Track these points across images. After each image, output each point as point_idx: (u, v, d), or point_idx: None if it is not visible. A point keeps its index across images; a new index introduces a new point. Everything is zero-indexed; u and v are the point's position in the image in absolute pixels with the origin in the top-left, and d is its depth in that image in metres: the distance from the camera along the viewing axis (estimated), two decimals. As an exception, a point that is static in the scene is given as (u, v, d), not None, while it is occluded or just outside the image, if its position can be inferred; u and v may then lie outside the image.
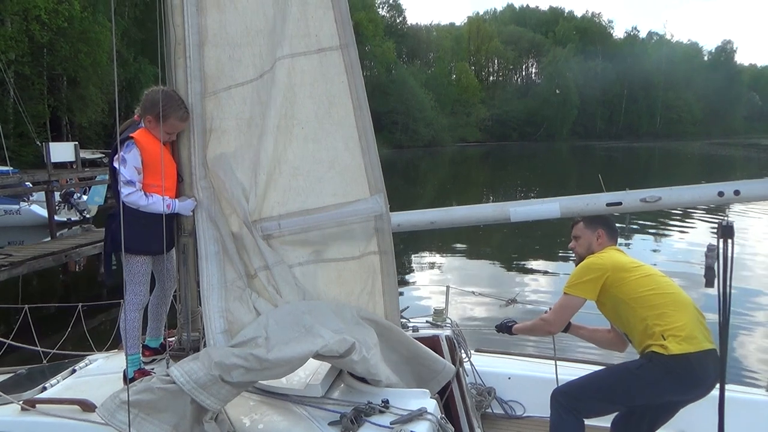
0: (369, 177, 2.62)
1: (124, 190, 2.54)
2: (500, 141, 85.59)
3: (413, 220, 2.77)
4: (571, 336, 3.35)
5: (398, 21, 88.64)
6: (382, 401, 2.29)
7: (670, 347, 2.58)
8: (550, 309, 3.04)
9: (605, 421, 2.97)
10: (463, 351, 3.53)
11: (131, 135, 2.61)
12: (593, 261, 2.88)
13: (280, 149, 2.57)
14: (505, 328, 3.33)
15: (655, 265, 12.03)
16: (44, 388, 2.88)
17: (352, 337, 2.36)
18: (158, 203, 2.56)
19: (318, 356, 2.31)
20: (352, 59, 2.56)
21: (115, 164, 2.60)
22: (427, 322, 3.61)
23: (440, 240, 15.09)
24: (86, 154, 24.69)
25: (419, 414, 2.19)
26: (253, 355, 2.20)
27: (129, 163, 2.57)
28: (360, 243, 2.64)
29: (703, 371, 2.61)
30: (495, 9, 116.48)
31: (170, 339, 3.01)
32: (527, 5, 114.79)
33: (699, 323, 2.71)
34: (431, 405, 2.28)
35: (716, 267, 2.52)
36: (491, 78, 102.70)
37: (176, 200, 2.63)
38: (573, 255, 3.15)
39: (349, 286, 2.66)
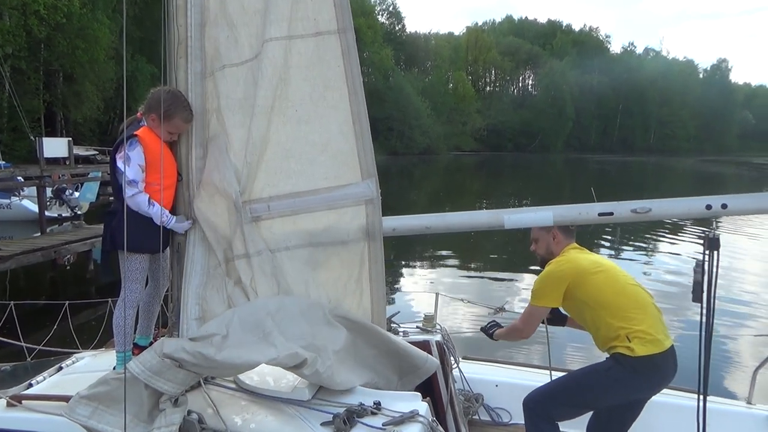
0: (361, 162, 2.62)
1: (128, 191, 2.55)
2: (495, 151, 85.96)
3: (409, 224, 2.77)
4: (561, 347, 3.38)
5: (397, 28, 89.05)
6: (374, 403, 2.30)
7: (636, 349, 2.67)
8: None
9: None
10: (452, 357, 3.55)
11: (135, 133, 2.61)
12: (554, 270, 2.93)
13: (273, 130, 2.57)
14: (487, 332, 3.33)
15: (645, 273, 12.06)
16: (30, 385, 2.87)
17: (308, 349, 2.36)
18: (155, 214, 2.56)
19: (270, 363, 2.33)
20: (349, 44, 2.57)
21: (119, 162, 2.60)
22: (417, 327, 3.63)
23: (431, 247, 15.10)
24: (80, 151, 24.57)
25: (411, 416, 2.20)
26: (202, 354, 2.21)
27: (133, 161, 2.57)
28: (349, 228, 2.64)
29: (667, 368, 2.76)
30: (494, 20, 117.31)
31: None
32: (526, 17, 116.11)
33: (659, 322, 2.82)
34: (423, 408, 2.29)
35: (701, 278, 2.55)
36: (488, 88, 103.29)
37: (174, 218, 2.63)
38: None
39: (336, 271, 2.65)
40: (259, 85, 2.53)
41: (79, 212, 18.98)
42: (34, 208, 15.69)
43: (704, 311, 2.54)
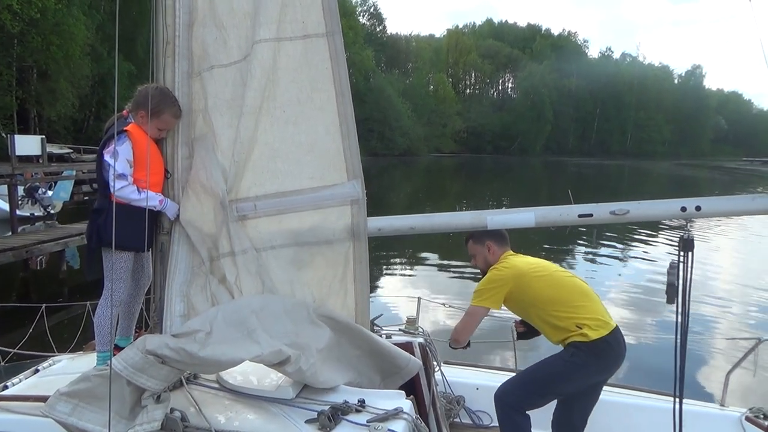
0: (348, 162, 2.65)
1: (117, 184, 2.53)
2: (475, 153, 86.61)
3: (394, 224, 2.80)
4: (535, 347, 3.45)
5: (378, 30, 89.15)
6: (359, 400, 2.31)
7: (589, 335, 2.86)
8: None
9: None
10: (434, 359, 3.57)
11: (125, 128, 2.61)
12: (495, 274, 3.08)
13: (261, 131, 2.59)
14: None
15: (620, 275, 12.27)
16: (5, 387, 2.82)
17: (292, 347, 2.37)
18: (151, 198, 2.55)
19: (253, 360, 2.33)
20: (337, 47, 2.60)
21: (106, 157, 2.58)
22: (399, 330, 3.64)
23: (412, 249, 15.16)
24: (54, 149, 24.08)
25: (395, 413, 2.21)
26: (185, 350, 2.20)
27: (121, 156, 2.56)
28: (334, 228, 2.65)
29: (618, 347, 2.93)
30: (474, 23, 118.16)
31: None
32: (506, 20, 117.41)
33: (602, 306, 3.02)
34: (407, 405, 2.31)
35: (675, 280, 2.61)
36: (468, 90, 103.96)
37: (168, 199, 2.62)
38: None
39: (321, 271, 2.67)
40: (247, 86, 2.54)
41: (52, 211, 18.63)
42: (5, 206, 15.32)
43: (679, 313, 2.59)
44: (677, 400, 2.61)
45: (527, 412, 3.01)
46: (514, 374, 3.84)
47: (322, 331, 2.54)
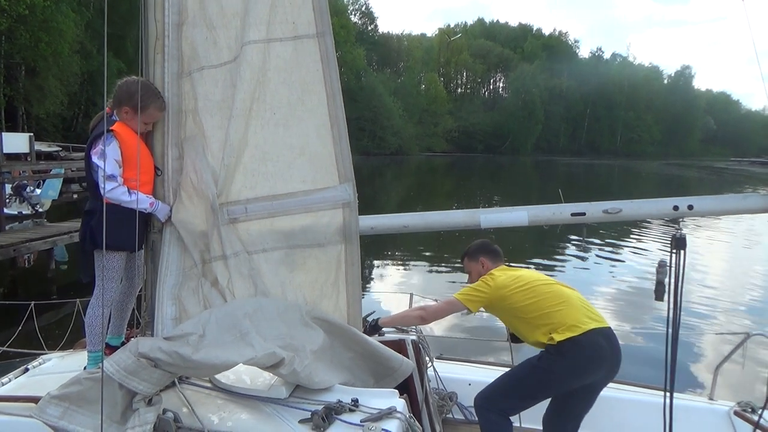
0: (339, 165, 2.64)
1: (107, 186, 2.50)
2: (466, 152, 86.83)
3: (387, 223, 2.80)
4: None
5: (370, 28, 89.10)
6: (352, 400, 2.30)
7: (555, 338, 2.88)
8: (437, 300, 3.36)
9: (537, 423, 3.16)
10: (427, 356, 3.57)
11: (111, 128, 2.56)
12: (480, 284, 3.15)
13: (251, 133, 2.57)
14: (373, 327, 3.32)
15: (612, 275, 12.30)
16: (-5, 386, 2.79)
17: (286, 349, 2.37)
18: (142, 201, 2.52)
19: (247, 363, 2.32)
20: (328, 48, 2.59)
21: (94, 158, 2.54)
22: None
23: (403, 247, 15.17)
24: (42, 147, 23.86)
25: (389, 412, 2.21)
26: (178, 353, 2.19)
27: (110, 156, 2.52)
28: (326, 231, 2.65)
29: (594, 347, 2.87)
30: (466, 22, 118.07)
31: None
32: (497, 20, 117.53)
33: (584, 310, 3.01)
34: (400, 404, 2.31)
35: (668, 277, 2.63)
36: (459, 90, 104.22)
37: (159, 201, 2.59)
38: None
39: (313, 274, 2.66)
40: (237, 88, 2.52)
41: (40, 209, 18.46)
42: (-7, 205, 15.15)
43: (671, 310, 2.62)
44: (668, 394, 2.63)
45: (512, 415, 3.02)
46: (506, 369, 3.88)
47: (315, 333, 2.53)
